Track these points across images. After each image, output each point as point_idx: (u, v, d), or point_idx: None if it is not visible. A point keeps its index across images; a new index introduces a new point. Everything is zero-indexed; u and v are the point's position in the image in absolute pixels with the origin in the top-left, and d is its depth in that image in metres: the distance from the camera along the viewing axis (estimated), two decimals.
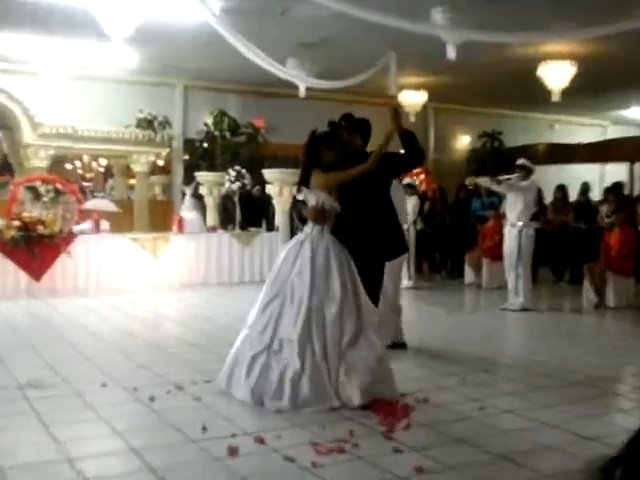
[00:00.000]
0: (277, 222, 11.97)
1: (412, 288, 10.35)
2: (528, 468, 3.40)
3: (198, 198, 12.92)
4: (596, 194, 13.83)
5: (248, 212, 12.39)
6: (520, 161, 8.91)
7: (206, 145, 13.85)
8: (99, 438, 3.80)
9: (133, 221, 11.51)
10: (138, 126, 12.66)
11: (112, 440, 3.75)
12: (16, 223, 9.57)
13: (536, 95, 12.42)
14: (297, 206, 4.96)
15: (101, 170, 13.50)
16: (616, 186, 12.09)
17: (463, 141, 17.23)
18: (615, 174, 15.11)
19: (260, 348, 4.34)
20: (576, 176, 14.59)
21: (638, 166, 15.75)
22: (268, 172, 12.01)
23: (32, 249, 9.51)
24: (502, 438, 3.84)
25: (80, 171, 13.35)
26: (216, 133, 13.83)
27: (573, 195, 12.89)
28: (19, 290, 9.44)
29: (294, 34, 10.19)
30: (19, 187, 10.49)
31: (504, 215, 9.48)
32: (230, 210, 12.52)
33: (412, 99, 13.75)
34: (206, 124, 13.82)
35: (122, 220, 11.00)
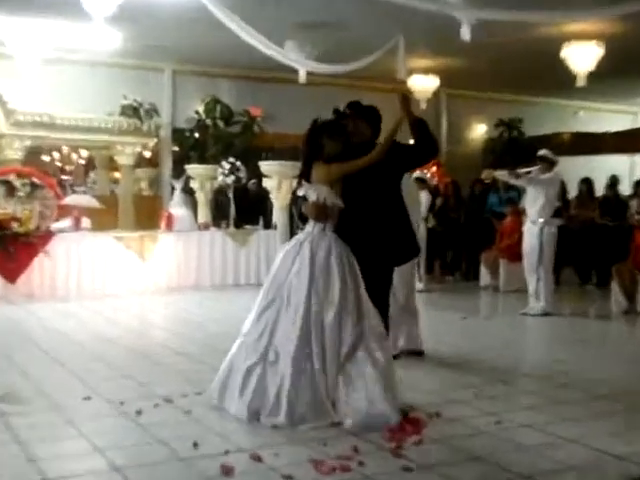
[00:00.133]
0: (275, 219, 11.97)
1: (422, 291, 10.34)
2: None
3: (188, 193, 12.91)
4: (625, 188, 13.80)
5: (243, 208, 12.39)
6: (541, 152, 8.90)
7: (197, 135, 13.84)
8: (79, 456, 3.80)
9: (117, 218, 11.51)
10: (122, 114, 12.66)
11: (94, 458, 3.76)
12: None
13: (559, 79, 12.41)
14: (297, 202, 4.92)
15: (82, 162, 13.50)
16: None
17: (478, 130, 17.21)
18: None
19: (255, 359, 4.34)
20: (603, 168, 14.57)
21: None
22: (265, 164, 12.00)
23: (6, 249, 9.50)
24: (520, 455, 3.84)
25: (59, 163, 13.35)
26: (208, 122, 13.81)
27: (600, 189, 12.86)
28: None
29: (293, 13, 10.19)
30: None
31: (524, 211, 9.48)
32: (224, 206, 12.52)
33: (422, 84, 13.73)
34: (197, 112, 13.82)
35: (105, 217, 11.00)
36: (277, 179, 11.75)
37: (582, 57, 11.38)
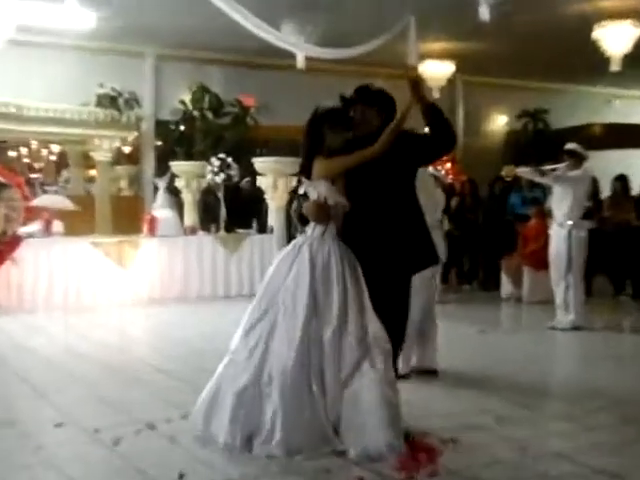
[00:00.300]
0: (271, 222, 11.96)
1: (437, 302, 10.31)
2: None
3: (174, 193, 12.89)
4: None
5: (235, 210, 12.38)
6: (570, 146, 8.89)
7: (183, 128, 13.82)
8: None
9: (93, 222, 11.50)
10: (99, 104, 12.64)
11: None
12: None
13: (591, 64, 12.41)
14: (296, 202, 4.87)
15: (53, 159, 13.50)
16: None
17: (499, 122, 17.20)
18: None
19: (247, 380, 4.30)
20: None
21: None
22: (259, 161, 11.99)
23: None
24: None
25: (27, 160, 13.35)
26: (195, 113, 13.80)
27: (636, 187, 12.85)
28: None
29: None
30: None
31: (550, 213, 9.46)
32: (213, 208, 12.51)
33: (436, 71, 13.74)
34: (183, 102, 13.80)
35: (80, 220, 10.98)
36: (273, 177, 11.74)
37: (617, 38, 11.36)
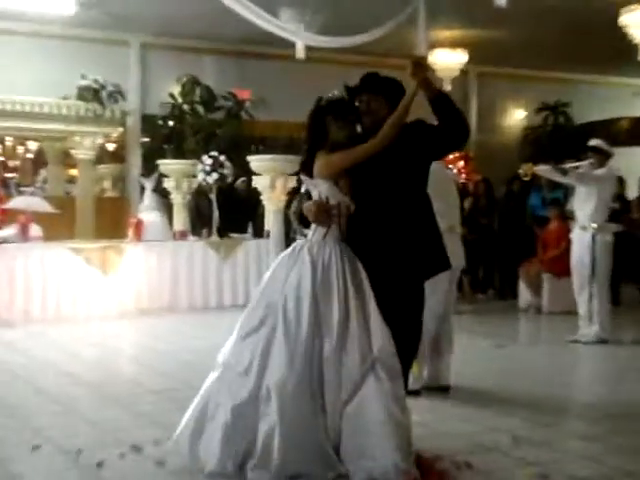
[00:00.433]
0: (267, 226, 11.96)
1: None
2: None
3: (162, 195, 12.89)
4: None
5: (229, 213, 12.37)
6: (594, 142, 8.89)
7: (172, 123, 13.83)
8: None
9: (74, 226, 11.50)
10: (80, 97, 12.64)
11: None
12: None
13: (617, 52, 12.39)
14: (296, 203, 4.84)
15: (30, 157, 13.51)
16: None
17: (516, 116, 17.19)
18: None
19: (244, 397, 4.25)
20: None
21: None
22: (255, 159, 11.98)
23: None
24: None
25: (1, 158, 13.36)
26: (185, 107, 13.81)
27: None
28: None
29: None
30: None
31: (572, 215, 9.45)
32: (205, 210, 12.50)
33: (447, 61, 13.72)
34: (172, 95, 13.81)
35: (59, 224, 10.98)
36: (270, 177, 11.73)
37: None
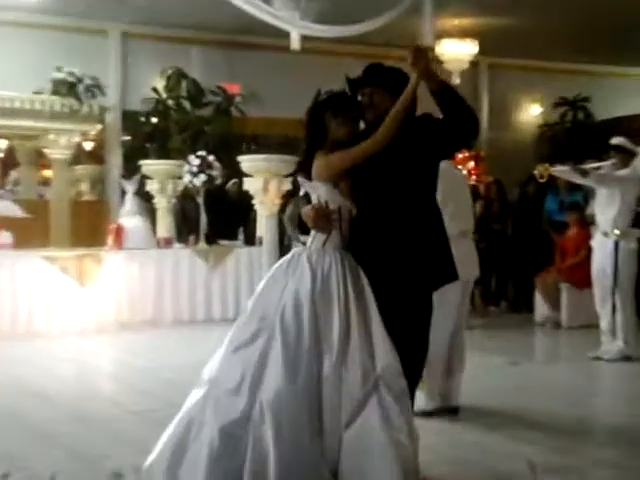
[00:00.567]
0: (260, 232, 11.94)
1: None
2: None
3: (145, 198, 12.88)
4: None
5: (218, 218, 12.36)
6: (616, 140, 8.88)
7: (156, 120, 13.84)
8: None
9: (48, 232, 11.48)
10: (55, 92, 12.63)
11: None
12: None
13: None
14: (291, 207, 4.82)
15: None
16: None
17: (531, 112, 17.20)
18: None
19: (233, 417, 4.19)
20: None
21: None
22: (247, 159, 11.97)
23: None
24: None
25: None
26: (170, 103, 13.83)
27: None
28: None
29: None
30: None
31: (592, 220, 9.45)
32: (191, 215, 12.50)
33: (456, 52, 13.74)
34: (155, 89, 13.82)
35: (32, 230, 10.97)
36: (263, 179, 11.72)
37: None
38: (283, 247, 11.17)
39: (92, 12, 12.96)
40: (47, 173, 12.74)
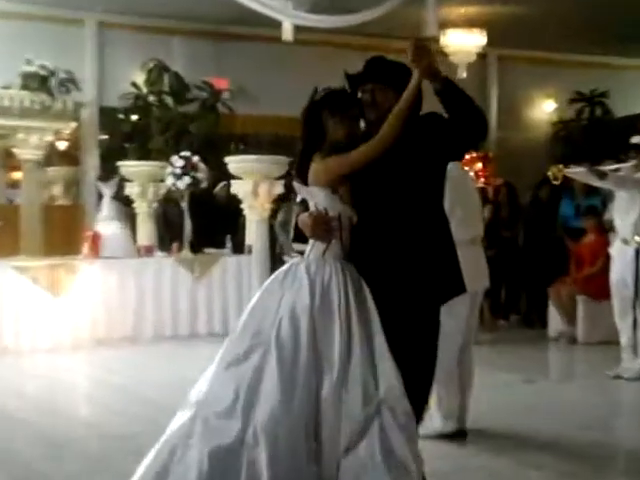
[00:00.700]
0: (249, 240, 11.94)
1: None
2: None
3: (124, 202, 12.87)
4: None
5: (204, 224, 12.35)
6: (637, 139, 8.90)
7: (136, 118, 13.85)
8: None
9: (18, 240, 11.48)
10: (24, 87, 12.58)
11: None
12: None
13: None
14: (282, 213, 4.82)
15: None
16: None
17: (544, 109, 17.20)
18: None
19: (224, 442, 4.17)
20: None
21: None
22: (235, 160, 11.98)
23: None
24: None
25: None
26: (151, 99, 13.82)
27: None
28: None
29: None
30: None
31: (611, 226, 9.45)
32: (174, 221, 12.49)
33: (462, 43, 13.75)
34: (135, 84, 13.82)
35: (0, 238, 10.96)
36: (252, 181, 11.72)
37: None
38: (274, 256, 11.17)
39: (66, 0, 12.96)
40: (17, 175, 12.72)
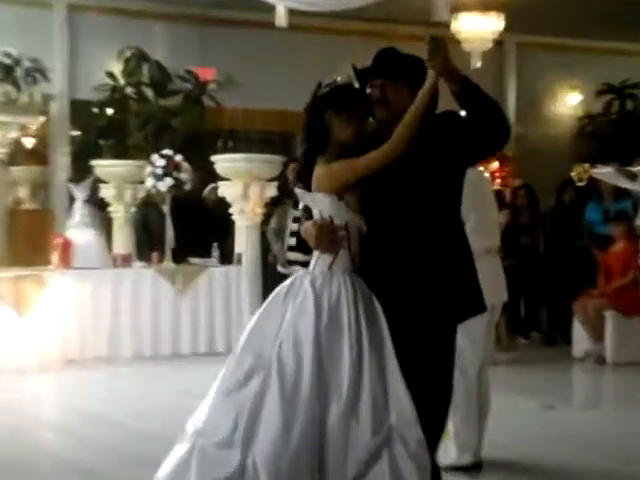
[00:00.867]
0: (238, 248, 11.93)
1: None
2: None
3: (98, 206, 12.87)
4: None
5: (188, 230, 12.36)
6: None
7: (112, 112, 13.86)
8: None
9: None
10: None
11: None
12: None
13: None
14: (276, 218, 4.82)
15: None
16: None
17: (568, 102, 17.23)
18: None
19: (223, 475, 4.20)
20: None
21: None
22: (223, 160, 11.98)
23: None
24: None
25: None
26: (129, 91, 13.84)
27: None
28: None
29: None
30: None
31: None
32: (155, 227, 12.50)
33: (477, 28, 13.76)
34: (111, 74, 13.84)
35: None
36: (242, 183, 11.71)
37: None
38: (267, 267, 11.15)
39: None
40: None
